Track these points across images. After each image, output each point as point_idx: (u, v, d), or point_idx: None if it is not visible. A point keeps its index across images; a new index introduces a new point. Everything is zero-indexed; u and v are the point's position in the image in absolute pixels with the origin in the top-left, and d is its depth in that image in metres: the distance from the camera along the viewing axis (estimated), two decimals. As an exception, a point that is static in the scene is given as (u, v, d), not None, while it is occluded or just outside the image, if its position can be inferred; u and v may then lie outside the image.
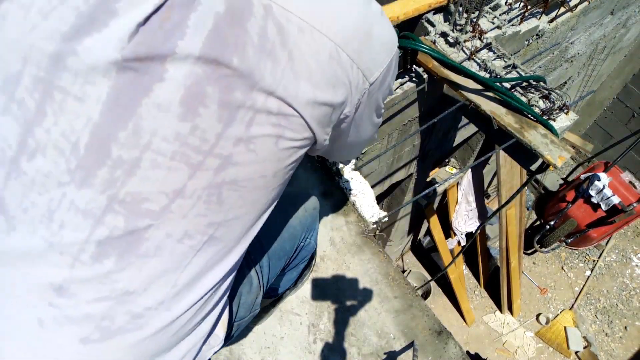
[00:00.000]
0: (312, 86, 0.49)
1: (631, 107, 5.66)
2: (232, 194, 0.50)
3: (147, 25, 0.43)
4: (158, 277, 0.49)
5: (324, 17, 0.49)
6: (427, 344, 1.42)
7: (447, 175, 4.64)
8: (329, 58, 0.50)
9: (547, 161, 1.76)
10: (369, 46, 0.53)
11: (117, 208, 0.46)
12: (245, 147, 0.48)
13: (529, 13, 2.39)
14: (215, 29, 0.44)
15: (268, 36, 0.46)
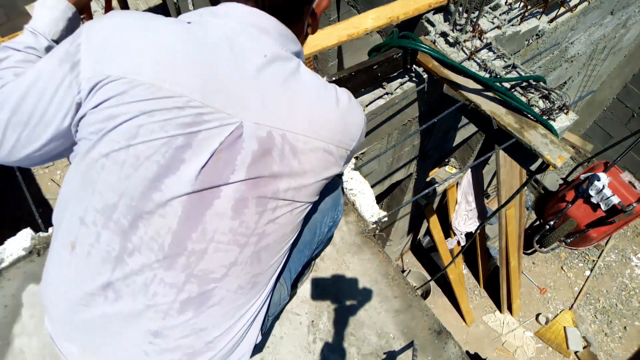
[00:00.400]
0: (314, 174, 0.76)
1: (631, 107, 5.66)
2: (267, 253, 0.77)
3: (206, 167, 0.67)
4: (222, 316, 0.76)
5: (317, 129, 0.73)
6: (427, 344, 1.42)
7: (446, 175, 4.64)
8: (323, 152, 0.75)
9: (547, 161, 1.76)
10: (346, 132, 0.78)
11: (192, 280, 0.71)
12: (273, 223, 0.75)
13: (529, 13, 2.39)
14: (253, 162, 0.69)
15: (285, 154, 0.71)
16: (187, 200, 0.67)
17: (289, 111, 0.71)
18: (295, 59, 0.76)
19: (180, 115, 0.64)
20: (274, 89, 0.71)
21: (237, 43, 0.71)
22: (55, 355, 1.29)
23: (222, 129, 0.67)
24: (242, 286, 0.76)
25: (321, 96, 0.76)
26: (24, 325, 1.33)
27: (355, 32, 1.92)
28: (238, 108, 0.68)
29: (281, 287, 1.04)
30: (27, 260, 1.45)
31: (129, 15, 0.69)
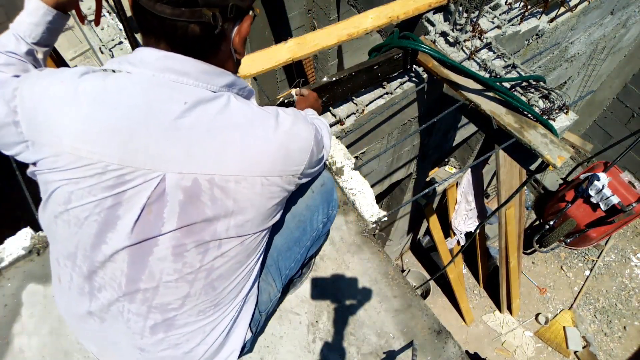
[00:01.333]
0: (256, 208, 0.77)
1: (631, 107, 5.67)
2: (221, 281, 0.82)
3: (139, 221, 0.73)
4: (192, 333, 0.85)
5: (249, 166, 0.74)
6: (427, 344, 1.42)
7: (446, 174, 4.65)
8: (262, 186, 0.76)
9: (547, 161, 1.76)
10: (288, 160, 0.79)
11: (154, 310, 0.81)
12: (222, 257, 0.79)
13: (529, 13, 2.39)
14: (182, 210, 0.73)
15: (216, 197, 0.73)
16: (129, 250, 0.75)
17: (216, 154, 0.71)
18: (222, 96, 0.75)
19: (103, 180, 0.70)
20: (198, 135, 0.70)
21: (154, 95, 0.71)
22: (55, 355, 1.29)
23: (147, 184, 0.71)
24: (203, 310, 0.83)
25: (254, 130, 0.74)
26: (23, 325, 1.33)
27: (355, 32, 1.92)
28: (159, 162, 0.70)
29: (269, 287, 1.07)
30: (27, 260, 1.45)
31: (54, 80, 0.74)
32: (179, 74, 0.72)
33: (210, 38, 0.73)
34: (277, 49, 1.80)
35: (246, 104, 0.77)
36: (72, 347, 1.30)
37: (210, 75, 0.75)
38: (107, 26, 1.92)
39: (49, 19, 0.94)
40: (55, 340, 1.31)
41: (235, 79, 0.81)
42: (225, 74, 0.78)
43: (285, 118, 0.79)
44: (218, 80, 0.76)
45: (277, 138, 0.76)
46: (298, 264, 1.15)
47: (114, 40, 1.88)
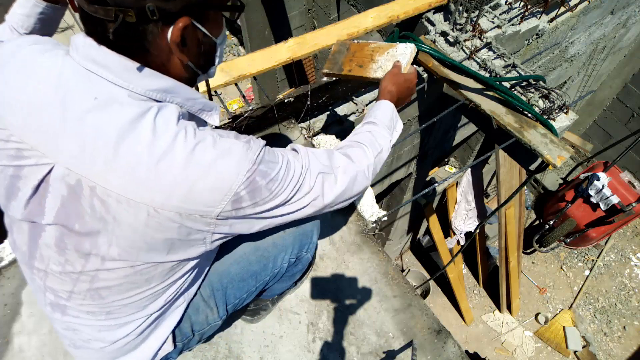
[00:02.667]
0: (140, 236, 0.69)
1: (631, 107, 5.66)
2: (109, 293, 0.78)
3: (31, 201, 0.72)
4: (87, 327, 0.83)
5: (137, 190, 0.66)
6: (426, 343, 1.42)
7: (446, 174, 4.64)
8: (148, 216, 0.67)
9: (547, 161, 1.76)
10: (192, 196, 0.67)
11: (49, 291, 0.81)
12: (107, 272, 0.75)
13: (529, 12, 2.39)
14: (62, 207, 0.70)
15: (95, 207, 0.68)
16: (26, 225, 0.75)
17: (105, 165, 0.65)
18: (142, 105, 0.67)
19: (7, 148, 0.70)
20: (96, 137, 0.65)
21: (72, 82, 0.68)
22: (54, 355, 1.29)
23: (39, 167, 0.69)
24: (92, 312, 0.81)
25: (159, 155, 0.65)
26: (23, 324, 1.33)
27: (355, 32, 1.92)
28: (53, 150, 0.67)
29: (208, 310, 1.02)
30: (27, 259, 1.45)
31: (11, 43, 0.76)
32: (99, 66, 0.68)
33: (130, 38, 0.67)
34: (277, 48, 1.79)
35: (167, 123, 0.67)
36: (72, 346, 1.30)
37: (134, 74, 0.68)
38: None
39: (39, 10, 0.95)
40: (55, 339, 1.31)
41: (176, 86, 0.72)
42: (159, 76, 0.70)
43: (206, 151, 0.67)
44: (145, 82, 0.68)
45: (180, 169, 0.66)
46: (251, 296, 1.11)
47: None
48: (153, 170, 0.65)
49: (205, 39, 0.74)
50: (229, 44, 6.61)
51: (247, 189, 0.70)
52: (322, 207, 0.84)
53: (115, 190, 0.66)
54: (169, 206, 0.67)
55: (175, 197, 0.66)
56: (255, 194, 0.72)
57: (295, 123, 1.88)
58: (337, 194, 0.85)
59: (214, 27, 0.74)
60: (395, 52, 1.21)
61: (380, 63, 1.21)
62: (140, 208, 0.67)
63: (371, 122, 1.04)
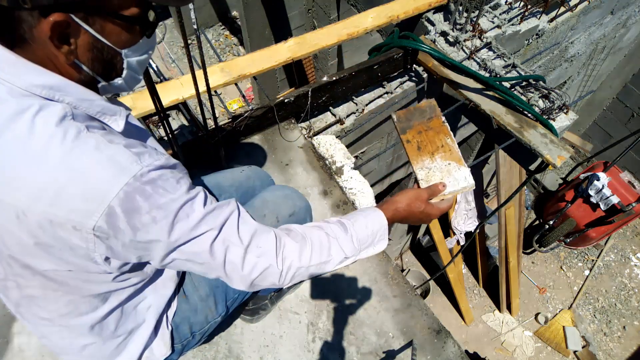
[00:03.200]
0: (16, 241, 0.65)
1: (631, 106, 5.67)
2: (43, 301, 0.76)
3: None
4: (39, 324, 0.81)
5: (5, 190, 0.61)
6: (426, 343, 1.42)
7: (446, 174, 4.63)
8: (17, 219, 0.62)
9: (547, 161, 1.76)
10: (61, 201, 0.61)
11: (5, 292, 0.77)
12: (22, 278, 0.71)
13: (529, 12, 2.39)
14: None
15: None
16: None
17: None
18: (21, 102, 0.62)
19: None
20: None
21: None
22: (54, 355, 1.29)
23: None
24: (44, 318, 0.79)
25: (33, 154, 0.61)
26: (23, 324, 1.33)
27: (355, 31, 1.92)
28: None
29: (207, 310, 1.02)
30: (27, 259, 1.45)
31: None
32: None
33: (5, 24, 0.60)
34: (277, 48, 1.80)
35: (46, 123, 0.61)
36: (72, 346, 1.30)
37: (17, 68, 0.62)
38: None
39: None
40: (55, 339, 1.31)
41: (66, 85, 0.65)
42: (44, 72, 0.63)
43: (84, 155, 0.61)
44: (29, 77, 0.62)
45: (51, 173, 0.60)
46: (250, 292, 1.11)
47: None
48: (23, 170, 0.60)
49: (100, 45, 0.66)
50: (229, 44, 6.61)
51: (122, 205, 0.62)
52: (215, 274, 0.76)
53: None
54: (36, 210, 0.61)
55: (42, 201, 0.61)
56: (133, 216, 0.63)
57: (295, 123, 1.88)
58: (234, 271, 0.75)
59: (112, 34, 0.66)
60: (454, 171, 0.99)
61: (433, 166, 1.01)
62: (10, 210, 0.62)
63: (346, 224, 0.87)
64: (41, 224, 0.62)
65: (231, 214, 0.74)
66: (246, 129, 1.73)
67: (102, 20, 0.64)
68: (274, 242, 0.78)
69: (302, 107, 1.84)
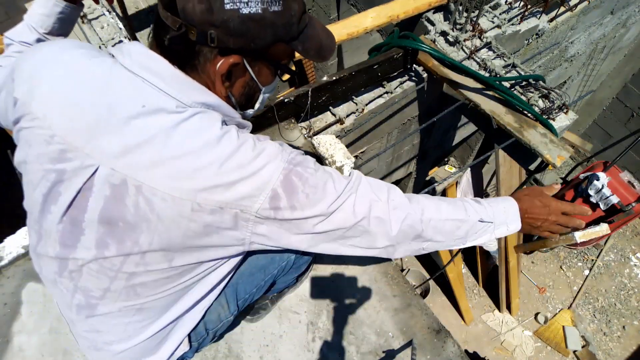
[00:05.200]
0: (182, 232, 0.71)
1: (630, 106, 5.67)
2: (145, 289, 0.80)
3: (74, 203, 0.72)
4: (114, 327, 0.84)
5: (182, 186, 0.68)
6: (426, 343, 1.42)
7: (446, 174, 4.65)
8: (191, 211, 0.69)
9: (546, 160, 1.77)
10: (232, 191, 0.69)
11: (79, 291, 0.81)
12: (144, 267, 0.76)
13: (529, 12, 2.39)
14: (105, 207, 0.71)
15: (140, 206, 0.69)
16: (62, 229, 0.75)
17: (151, 164, 0.68)
18: (186, 110, 0.71)
19: (49, 150, 0.71)
20: (142, 139, 0.68)
21: (120, 87, 0.71)
22: (54, 354, 1.30)
23: (84, 170, 0.70)
24: (125, 310, 0.82)
25: (203, 149, 0.68)
26: (23, 323, 1.33)
27: (355, 31, 1.92)
28: (97, 150, 0.69)
29: (220, 308, 1.03)
30: (27, 258, 1.45)
31: (52, 44, 0.79)
32: (151, 74, 0.71)
33: (186, 53, 0.72)
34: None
35: (212, 124, 0.71)
36: (72, 345, 1.30)
37: (184, 85, 0.72)
38: (107, 25, 1.92)
39: (59, 10, 0.98)
40: (55, 338, 1.31)
41: (220, 104, 0.76)
42: (205, 91, 0.74)
43: (248, 151, 0.71)
44: (192, 94, 0.72)
45: (224, 167, 0.69)
46: (261, 291, 1.12)
47: (113, 39, 1.88)
48: (198, 168, 0.68)
49: (251, 83, 0.79)
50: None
51: (283, 187, 0.71)
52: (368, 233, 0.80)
53: (161, 188, 0.68)
54: (211, 201, 0.69)
55: (217, 192, 0.69)
56: (292, 196, 0.72)
57: (295, 123, 1.88)
58: (385, 225, 0.80)
59: (263, 75, 0.79)
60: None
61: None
62: (185, 204, 0.69)
63: (473, 200, 0.91)
64: (213, 211, 0.70)
65: (362, 179, 0.83)
66: (246, 129, 1.73)
67: (262, 65, 0.77)
68: (405, 196, 0.84)
69: (302, 107, 1.84)
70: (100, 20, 1.94)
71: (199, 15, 0.67)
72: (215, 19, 0.67)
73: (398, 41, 1.93)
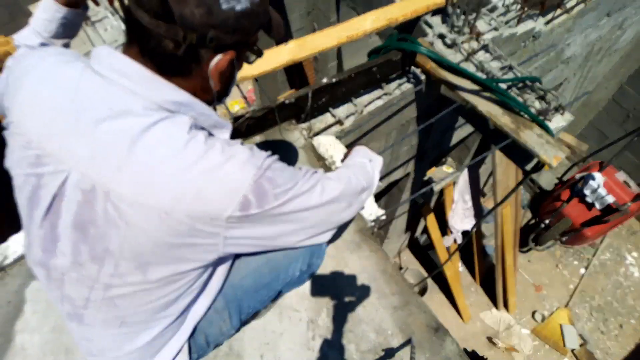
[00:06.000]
0: (152, 242, 0.71)
1: (626, 107, 5.71)
2: (124, 302, 0.78)
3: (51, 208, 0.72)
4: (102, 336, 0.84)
5: (146, 194, 0.68)
6: (425, 341, 1.44)
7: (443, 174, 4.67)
8: (160, 220, 0.69)
9: (543, 161, 1.79)
10: (201, 200, 0.69)
11: (65, 300, 0.80)
12: (119, 280, 0.75)
13: (526, 15, 2.41)
14: (78, 212, 0.71)
15: (109, 211, 0.69)
16: (43, 234, 0.75)
17: (117, 170, 0.67)
18: (154, 115, 0.70)
19: (27, 155, 0.72)
20: (108, 144, 0.68)
21: (89, 90, 0.70)
22: (56, 352, 1.31)
23: (57, 174, 0.70)
24: (106, 321, 0.81)
25: (169, 159, 0.68)
26: (26, 322, 1.34)
27: (355, 34, 1.94)
28: (69, 156, 0.69)
29: (222, 322, 1.03)
30: (31, 258, 1.46)
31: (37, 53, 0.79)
32: (119, 74, 0.70)
33: (181, 58, 0.71)
34: (277, 50, 1.81)
35: (179, 130, 0.70)
36: (74, 344, 1.31)
37: (155, 84, 0.71)
38: (110, 27, 1.93)
39: (61, 15, 1.00)
40: (58, 337, 1.32)
41: (192, 101, 0.74)
42: (176, 90, 0.73)
43: (215, 157, 0.70)
44: (163, 93, 0.71)
45: (191, 175, 0.68)
46: (264, 305, 1.12)
47: (117, 41, 1.89)
48: (164, 175, 0.67)
49: (234, 72, 0.81)
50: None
51: (254, 192, 0.72)
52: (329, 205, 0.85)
53: (128, 195, 0.68)
54: (179, 209, 0.68)
55: (185, 201, 0.68)
56: (263, 199, 0.73)
57: (296, 124, 1.90)
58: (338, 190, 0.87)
59: (241, 63, 0.81)
60: None
61: None
62: (152, 212, 0.68)
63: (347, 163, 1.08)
64: (182, 220, 0.69)
65: (315, 170, 0.89)
66: (247, 130, 1.75)
67: (243, 53, 0.78)
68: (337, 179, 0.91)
69: (303, 108, 1.86)
70: (104, 22, 1.95)
71: (198, 19, 0.67)
72: (214, 20, 0.68)
73: (397, 44, 1.95)
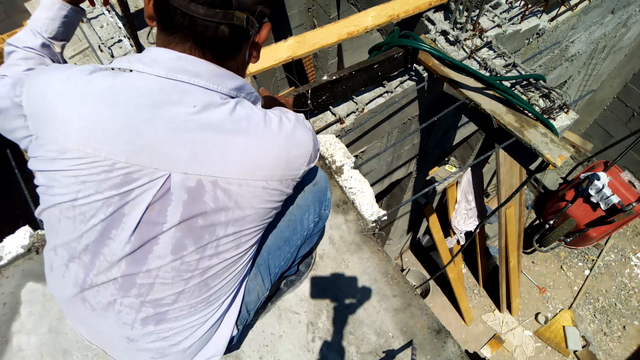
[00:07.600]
0: (255, 210, 0.81)
1: (631, 106, 5.66)
2: (214, 280, 0.86)
3: (143, 219, 0.76)
4: (181, 327, 0.89)
5: (252, 171, 0.77)
6: (426, 343, 1.42)
7: (446, 174, 4.64)
8: (263, 189, 0.80)
9: (547, 160, 1.76)
10: (289, 166, 0.82)
11: (147, 305, 0.84)
12: (217, 257, 0.83)
13: (530, 12, 2.38)
14: (185, 210, 0.76)
15: (219, 198, 0.76)
16: (130, 247, 0.78)
17: (220, 157, 0.74)
18: (230, 101, 0.77)
19: (110, 178, 0.73)
20: (204, 138, 0.73)
21: (164, 96, 0.72)
22: (54, 354, 1.29)
23: (153, 183, 0.73)
24: (194, 306, 0.87)
25: (257, 135, 0.77)
26: (22, 323, 1.33)
27: (355, 30, 1.92)
28: (165, 161, 0.73)
29: (258, 287, 1.09)
30: (26, 258, 1.44)
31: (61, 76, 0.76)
32: (191, 75, 0.74)
33: (236, 40, 0.77)
34: (277, 47, 1.79)
35: (251, 110, 0.79)
36: (71, 345, 1.30)
37: (221, 78, 0.77)
38: (106, 24, 1.92)
39: (64, 14, 1.00)
40: (54, 338, 1.31)
41: (244, 84, 0.83)
42: (235, 77, 0.80)
43: (286, 124, 0.81)
44: (228, 83, 0.78)
45: (278, 144, 0.79)
46: (288, 263, 1.17)
47: (113, 38, 1.88)
48: (260, 150, 0.77)
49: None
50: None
51: (314, 148, 0.86)
52: None
53: (235, 176, 0.75)
54: (275, 176, 0.80)
55: (279, 168, 0.80)
56: (316, 149, 0.88)
57: (295, 122, 1.88)
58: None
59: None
60: None
61: None
62: (257, 185, 0.78)
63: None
64: (276, 187, 0.81)
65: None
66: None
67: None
68: None
69: (302, 106, 1.84)
70: (100, 19, 1.94)
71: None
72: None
73: (398, 40, 1.93)
